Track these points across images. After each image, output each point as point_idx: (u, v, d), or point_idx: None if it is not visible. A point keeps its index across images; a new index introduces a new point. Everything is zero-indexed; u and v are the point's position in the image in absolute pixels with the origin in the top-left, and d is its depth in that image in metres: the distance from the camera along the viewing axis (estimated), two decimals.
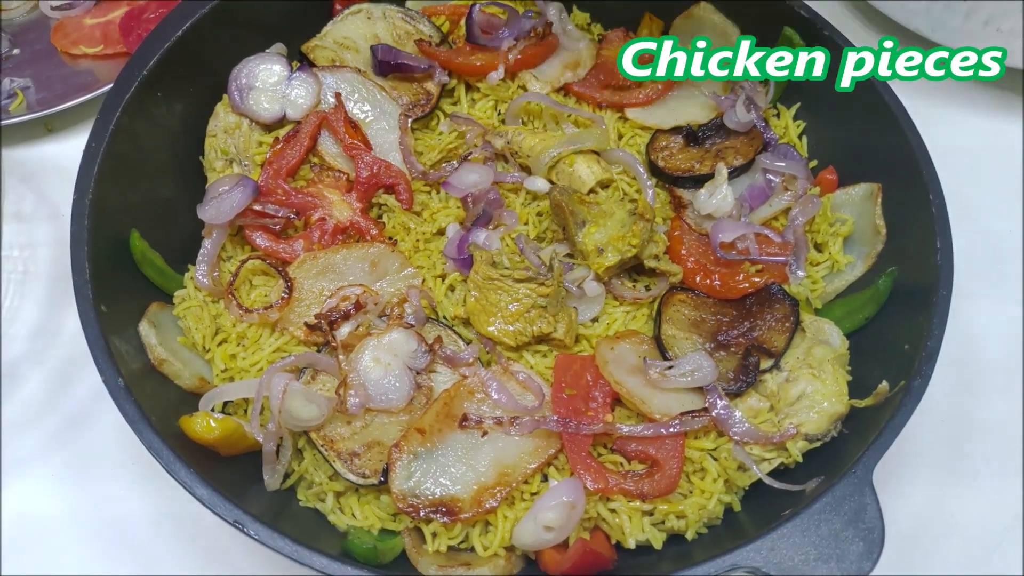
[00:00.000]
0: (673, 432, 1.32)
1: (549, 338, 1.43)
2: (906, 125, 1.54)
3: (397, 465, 1.28)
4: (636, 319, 1.50)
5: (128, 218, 1.49)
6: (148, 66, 1.53)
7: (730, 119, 1.63)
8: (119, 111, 1.48)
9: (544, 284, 1.43)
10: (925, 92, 1.91)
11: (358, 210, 1.55)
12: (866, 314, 1.49)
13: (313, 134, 1.58)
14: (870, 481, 1.21)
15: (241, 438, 1.33)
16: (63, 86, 1.97)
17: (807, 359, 1.41)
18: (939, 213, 1.45)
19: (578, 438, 1.31)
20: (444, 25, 1.79)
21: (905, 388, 1.30)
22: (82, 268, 1.35)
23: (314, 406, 1.30)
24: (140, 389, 1.29)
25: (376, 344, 1.37)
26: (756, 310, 1.46)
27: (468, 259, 1.48)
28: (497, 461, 1.31)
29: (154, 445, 1.22)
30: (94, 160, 1.43)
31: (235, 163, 1.62)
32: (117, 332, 1.35)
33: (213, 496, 1.18)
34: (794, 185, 1.59)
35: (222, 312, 1.48)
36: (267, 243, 1.50)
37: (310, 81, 1.62)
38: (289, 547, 1.14)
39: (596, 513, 1.31)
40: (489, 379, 1.36)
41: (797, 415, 1.37)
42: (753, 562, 1.16)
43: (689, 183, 1.61)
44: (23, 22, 2.14)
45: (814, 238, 1.59)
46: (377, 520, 1.32)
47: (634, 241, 1.45)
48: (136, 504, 1.54)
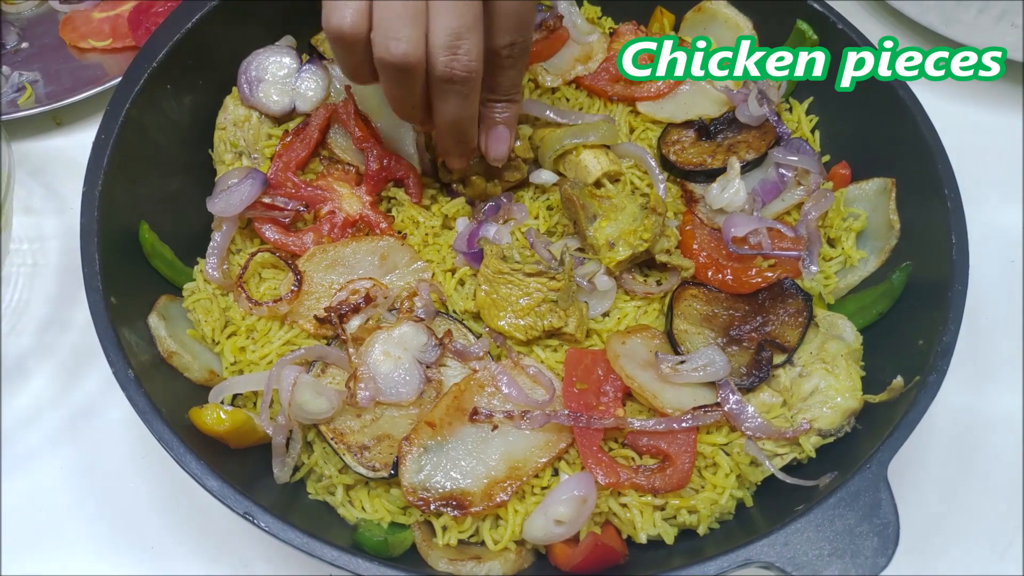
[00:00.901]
0: (685, 427, 1.31)
1: (560, 332, 1.42)
2: (921, 119, 1.52)
3: (407, 458, 1.28)
4: (647, 314, 1.49)
5: (137, 210, 1.48)
6: (157, 58, 1.52)
7: (742, 113, 1.62)
8: (128, 103, 1.47)
9: (555, 278, 1.42)
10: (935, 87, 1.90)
11: (367, 203, 1.54)
12: (880, 309, 1.48)
13: (323, 127, 1.57)
14: (885, 476, 1.20)
15: (251, 431, 1.32)
16: (72, 80, 1.96)
17: (820, 354, 1.40)
18: (954, 208, 1.44)
19: (589, 432, 1.30)
20: None
21: (920, 383, 1.29)
22: (92, 260, 1.35)
23: (324, 399, 1.30)
24: (150, 381, 1.28)
25: (386, 338, 1.36)
26: (769, 305, 1.45)
27: (478, 253, 1.47)
28: (507, 455, 1.30)
29: (164, 437, 1.21)
30: (103, 152, 1.42)
31: (244, 156, 1.61)
32: (127, 324, 1.35)
33: (224, 488, 1.17)
34: (807, 180, 1.58)
35: (231, 305, 1.47)
36: (276, 236, 1.50)
37: (320, 74, 1.62)
38: (300, 539, 1.13)
39: (607, 508, 1.30)
40: (500, 373, 1.35)
41: (810, 410, 1.35)
42: (766, 557, 1.15)
43: (701, 177, 1.60)
44: (32, 16, 2.13)
45: (827, 233, 1.58)
46: (387, 513, 1.32)
47: (646, 235, 1.44)
48: (144, 498, 1.54)
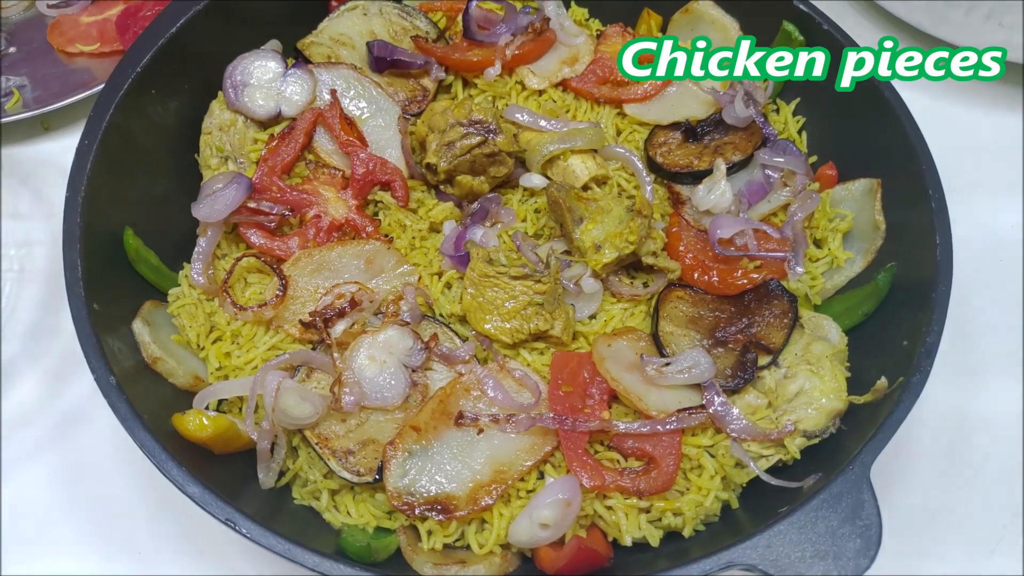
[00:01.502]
0: (670, 429, 1.31)
1: (546, 335, 1.42)
2: (906, 120, 1.53)
3: (392, 463, 1.28)
4: (634, 316, 1.49)
5: (122, 216, 1.48)
6: (142, 63, 1.52)
7: (729, 115, 1.62)
8: (112, 108, 1.47)
9: (541, 281, 1.42)
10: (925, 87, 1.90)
11: (354, 207, 1.54)
12: (865, 310, 1.48)
13: (308, 131, 1.57)
14: (868, 477, 1.20)
15: (235, 436, 1.33)
16: (59, 84, 1.96)
17: (805, 355, 1.40)
18: (938, 209, 1.44)
19: (574, 435, 1.30)
20: (441, 21, 1.78)
21: (904, 384, 1.30)
22: (74, 266, 1.34)
23: (308, 404, 1.30)
24: (133, 387, 1.28)
25: (371, 342, 1.36)
26: (754, 306, 1.45)
27: (465, 256, 1.47)
28: (493, 458, 1.30)
29: (146, 443, 1.21)
30: (87, 157, 1.43)
31: (230, 160, 1.61)
32: (110, 330, 1.35)
33: (205, 494, 1.17)
34: (793, 181, 1.58)
35: (216, 310, 1.47)
36: (262, 240, 1.49)
37: (305, 78, 1.61)
38: (282, 545, 1.14)
39: (592, 510, 1.30)
40: (485, 376, 1.35)
41: (795, 411, 1.36)
42: (749, 559, 1.15)
43: (687, 179, 1.60)
44: (19, 20, 2.13)
45: (813, 234, 1.58)
46: (372, 518, 1.32)
47: (631, 238, 1.44)
48: (133, 502, 1.54)
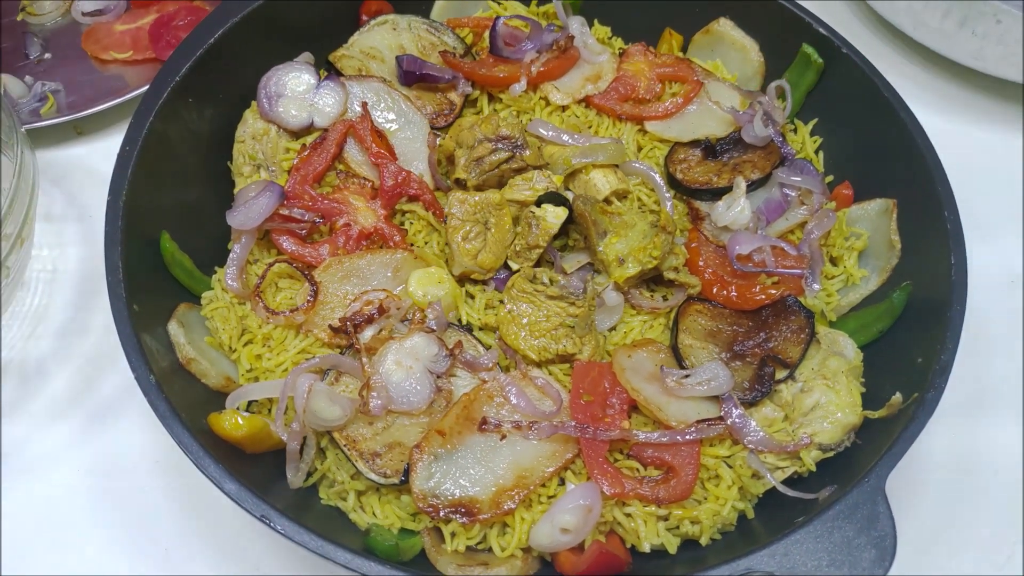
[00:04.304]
0: (689, 439, 1.34)
1: (572, 359, 1.44)
2: (922, 141, 1.56)
3: (418, 466, 1.31)
4: (653, 328, 1.52)
5: (159, 220, 1.52)
6: (181, 72, 1.57)
7: (748, 133, 1.66)
8: (152, 115, 1.51)
9: (575, 304, 1.45)
10: (940, 108, 1.94)
11: (382, 217, 1.58)
12: (880, 327, 1.51)
13: (339, 142, 1.61)
14: (883, 490, 1.23)
15: (266, 436, 1.36)
16: (93, 90, 2.00)
17: (822, 370, 1.43)
18: (953, 229, 1.47)
19: (595, 443, 1.33)
20: (468, 37, 1.83)
21: (918, 400, 1.33)
22: (116, 268, 1.38)
23: (337, 407, 1.33)
24: (169, 386, 1.31)
25: (398, 348, 1.40)
26: (772, 321, 1.48)
27: (504, 278, 1.52)
28: (515, 464, 1.33)
29: (184, 441, 1.24)
30: (128, 163, 1.46)
31: (262, 168, 1.65)
32: (147, 330, 1.38)
33: (241, 491, 1.20)
34: (810, 199, 1.61)
35: (248, 314, 1.50)
36: (293, 247, 1.53)
37: (337, 90, 1.65)
38: (314, 542, 1.16)
39: (612, 517, 1.33)
40: (508, 384, 1.38)
41: (811, 425, 1.38)
42: (766, 567, 1.18)
43: (707, 195, 1.64)
44: (54, 27, 2.17)
45: (829, 252, 1.62)
46: (397, 519, 1.35)
47: (655, 253, 1.47)
48: (159, 502, 1.56)
